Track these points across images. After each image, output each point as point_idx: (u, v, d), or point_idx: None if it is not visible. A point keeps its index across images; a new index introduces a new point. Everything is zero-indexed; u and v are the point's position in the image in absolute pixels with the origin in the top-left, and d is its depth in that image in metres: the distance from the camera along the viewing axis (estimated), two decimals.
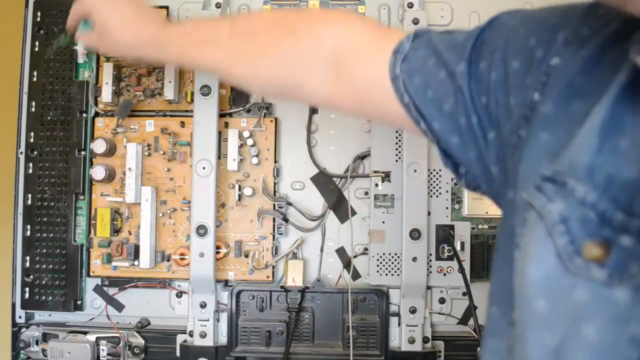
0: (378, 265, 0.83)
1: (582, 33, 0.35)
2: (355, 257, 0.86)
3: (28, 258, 0.84)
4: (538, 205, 0.31)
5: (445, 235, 0.83)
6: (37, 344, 0.84)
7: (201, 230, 0.80)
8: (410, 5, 0.84)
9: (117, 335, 0.83)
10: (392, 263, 0.83)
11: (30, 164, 0.85)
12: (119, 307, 0.86)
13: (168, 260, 0.85)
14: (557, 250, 0.29)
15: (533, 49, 0.37)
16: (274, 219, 0.86)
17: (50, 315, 0.87)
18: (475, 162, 0.43)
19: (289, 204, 0.86)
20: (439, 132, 0.44)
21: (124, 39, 0.64)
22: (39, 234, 0.84)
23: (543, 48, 0.37)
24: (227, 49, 0.57)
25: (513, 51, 0.39)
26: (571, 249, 0.29)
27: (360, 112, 0.53)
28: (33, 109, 0.85)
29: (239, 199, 0.85)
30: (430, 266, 0.83)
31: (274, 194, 0.86)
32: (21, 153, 0.85)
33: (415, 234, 0.81)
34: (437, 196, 0.84)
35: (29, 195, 0.85)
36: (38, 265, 0.84)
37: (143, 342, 0.84)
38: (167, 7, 0.86)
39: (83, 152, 0.85)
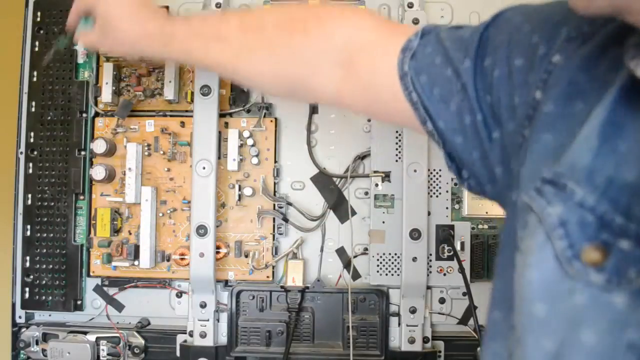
0: (378, 265, 0.83)
1: (583, 30, 0.34)
2: (355, 257, 0.86)
3: (28, 258, 0.84)
4: (537, 209, 0.31)
5: (445, 235, 0.83)
6: (37, 344, 0.84)
7: (201, 230, 0.80)
8: (410, 5, 0.84)
9: (117, 335, 0.83)
10: (392, 263, 0.83)
11: (30, 164, 0.85)
12: (119, 307, 0.86)
13: (168, 260, 0.85)
14: (556, 254, 0.29)
15: (536, 45, 0.37)
16: (274, 219, 0.86)
17: (50, 315, 0.87)
18: (479, 162, 0.42)
19: (289, 204, 0.86)
20: (444, 131, 0.43)
21: (127, 32, 0.62)
22: (39, 234, 0.84)
23: (545, 45, 0.36)
24: (235, 45, 0.55)
25: (517, 48, 0.38)
26: (570, 253, 0.28)
27: (369, 111, 0.52)
28: (33, 109, 0.85)
29: (239, 199, 0.85)
30: (430, 266, 0.83)
31: (274, 194, 0.86)
32: (21, 153, 0.85)
33: (415, 234, 0.81)
34: (437, 196, 0.84)
35: (29, 195, 0.85)
36: (38, 265, 0.84)
37: (143, 342, 0.84)
38: (167, 7, 0.85)
39: (83, 152, 0.85)
